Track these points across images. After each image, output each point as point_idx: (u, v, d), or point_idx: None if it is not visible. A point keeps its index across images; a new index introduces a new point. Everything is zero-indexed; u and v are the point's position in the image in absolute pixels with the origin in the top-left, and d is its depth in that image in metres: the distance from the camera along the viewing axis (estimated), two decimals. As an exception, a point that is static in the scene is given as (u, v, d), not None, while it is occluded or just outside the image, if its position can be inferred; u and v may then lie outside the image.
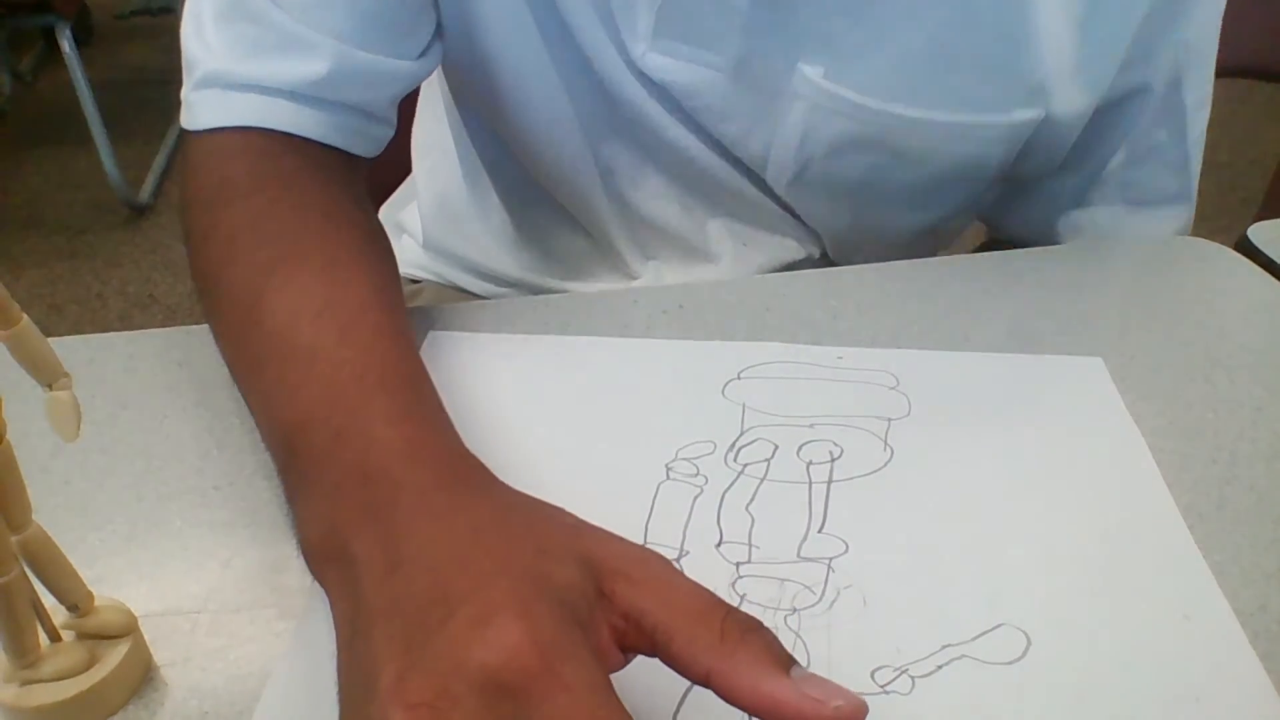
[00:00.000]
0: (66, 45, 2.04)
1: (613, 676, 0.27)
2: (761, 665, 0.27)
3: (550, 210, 0.66)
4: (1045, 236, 0.64)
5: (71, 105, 2.09)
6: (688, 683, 0.29)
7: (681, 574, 0.29)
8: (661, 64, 0.54)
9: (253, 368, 0.40)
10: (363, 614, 0.28)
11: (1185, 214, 0.63)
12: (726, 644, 0.27)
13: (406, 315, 0.44)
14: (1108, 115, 0.57)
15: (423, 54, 0.53)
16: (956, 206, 0.61)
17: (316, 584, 0.32)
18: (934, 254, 0.66)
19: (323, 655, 0.30)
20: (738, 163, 0.59)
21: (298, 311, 0.39)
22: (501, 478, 0.34)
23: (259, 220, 0.44)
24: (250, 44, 0.48)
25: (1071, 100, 0.55)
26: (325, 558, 0.32)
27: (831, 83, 0.53)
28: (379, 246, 0.47)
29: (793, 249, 0.65)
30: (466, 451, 0.35)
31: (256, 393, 0.39)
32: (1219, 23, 0.56)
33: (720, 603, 0.28)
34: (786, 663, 0.27)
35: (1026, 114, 0.54)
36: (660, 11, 0.52)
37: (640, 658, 0.29)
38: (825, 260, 0.66)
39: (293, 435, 0.35)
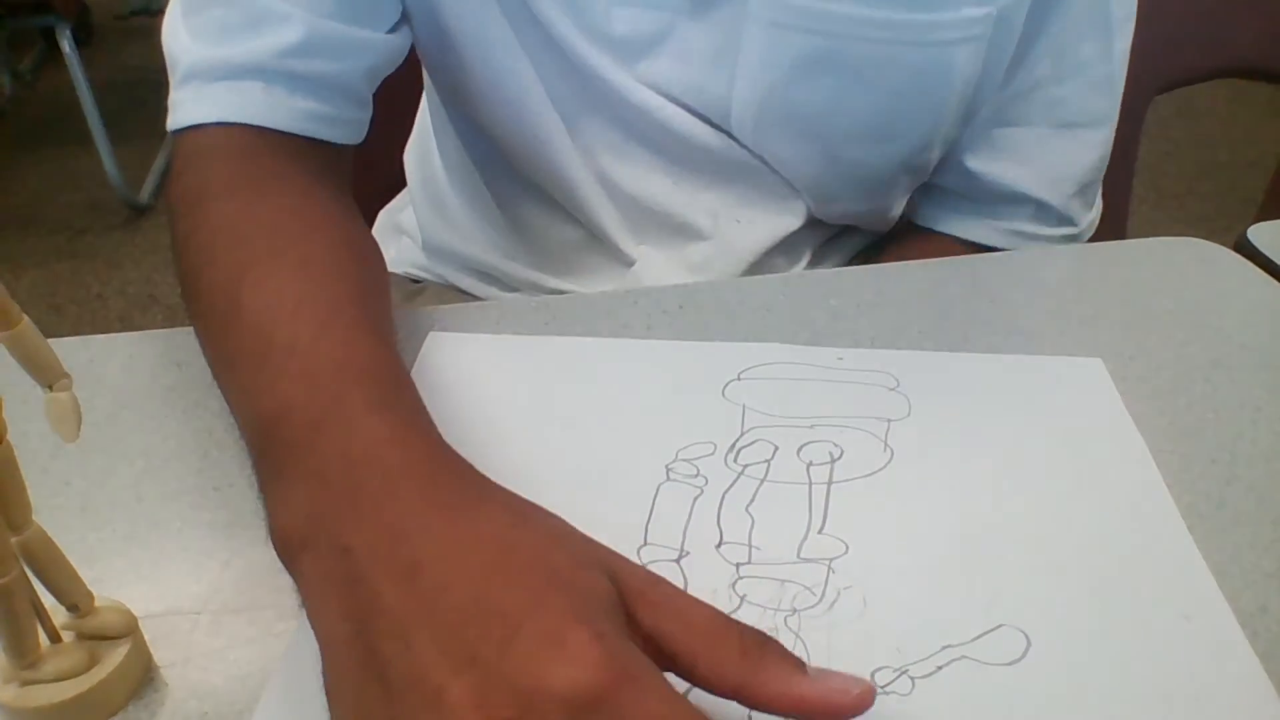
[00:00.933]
0: (67, 46, 2.04)
1: None
2: (786, 671, 0.29)
3: (540, 202, 0.65)
4: (959, 168, 0.63)
5: (71, 105, 2.09)
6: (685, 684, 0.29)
7: (690, 595, 0.30)
8: (625, 15, 0.54)
9: (231, 364, 0.40)
10: (384, 615, 0.28)
11: (1106, 138, 0.62)
12: (749, 659, 0.29)
13: (387, 310, 0.44)
14: (1031, 19, 0.57)
15: (393, 30, 0.54)
16: (922, 136, 0.60)
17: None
18: (909, 190, 0.65)
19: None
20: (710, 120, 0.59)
21: (273, 308, 0.39)
22: (501, 478, 0.34)
23: (236, 222, 0.44)
24: (219, 27, 0.49)
25: None
26: (301, 545, 0.31)
27: None
28: (357, 242, 0.47)
29: (785, 218, 0.64)
30: (449, 446, 0.35)
31: (235, 388, 0.39)
32: None
33: (731, 620, 0.30)
34: (802, 665, 0.29)
35: (976, 11, 0.54)
36: None
37: None
38: (813, 224, 0.65)
39: (270, 425, 0.35)
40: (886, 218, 0.67)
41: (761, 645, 0.29)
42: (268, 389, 0.36)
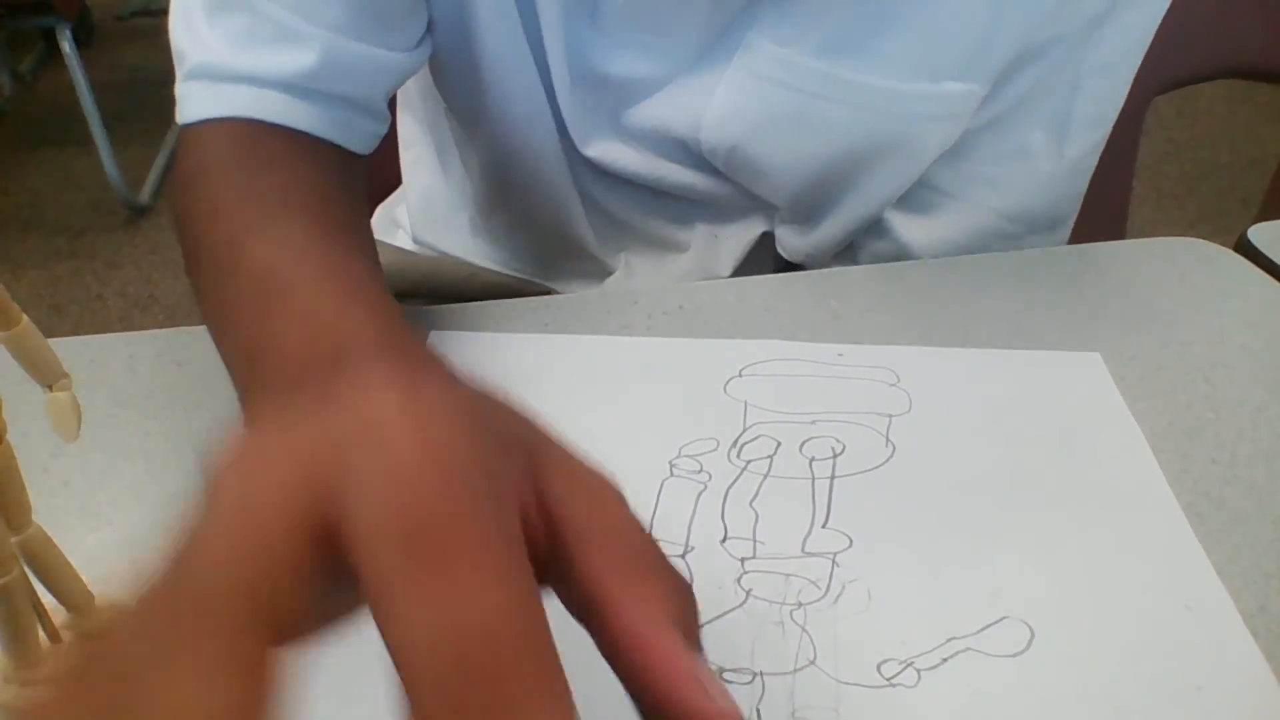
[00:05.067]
0: (67, 46, 2.04)
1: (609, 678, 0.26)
2: (651, 616, 0.20)
3: (524, 207, 0.66)
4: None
5: (72, 106, 2.09)
6: None
7: (627, 507, 0.23)
8: (625, 62, 0.54)
9: (227, 306, 0.39)
10: None
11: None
12: (621, 569, 0.20)
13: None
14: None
15: (416, 46, 0.53)
16: (888, 194, 0.59)
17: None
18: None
19: (323, 656, 0.30)
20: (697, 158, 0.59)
21: (277, 256, 0.38)
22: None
23: (241, 187, 0.43)
24: (243, 35, 0.48)
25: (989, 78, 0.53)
26: None
27: (778, 45, 0.52)
28: (365, 227, 0.47)
29: (760, 226, 0.64)
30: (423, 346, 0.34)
31: (229, 327, 0.38)
32: (1140, 47, 0.55)
33: (644, 535, 0.22)
34: (687, 629, 0.20)
35: (957, 86, 0.53)
36: (625, 6, 0.52)
37: None
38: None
39: (258, 356, 0.35)
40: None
41: (649, 570, 0.21)
42: (265, 322, 0.35)
